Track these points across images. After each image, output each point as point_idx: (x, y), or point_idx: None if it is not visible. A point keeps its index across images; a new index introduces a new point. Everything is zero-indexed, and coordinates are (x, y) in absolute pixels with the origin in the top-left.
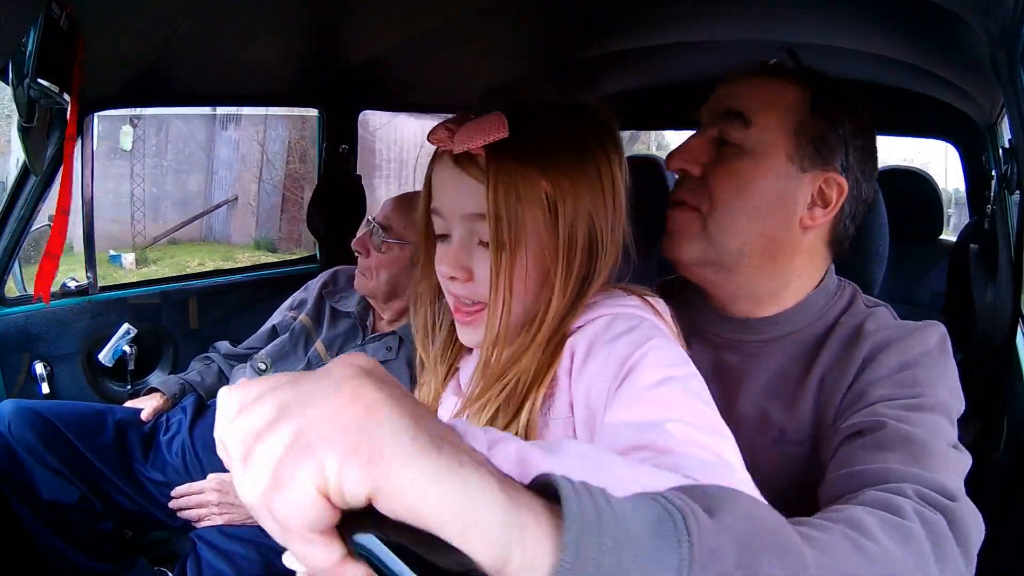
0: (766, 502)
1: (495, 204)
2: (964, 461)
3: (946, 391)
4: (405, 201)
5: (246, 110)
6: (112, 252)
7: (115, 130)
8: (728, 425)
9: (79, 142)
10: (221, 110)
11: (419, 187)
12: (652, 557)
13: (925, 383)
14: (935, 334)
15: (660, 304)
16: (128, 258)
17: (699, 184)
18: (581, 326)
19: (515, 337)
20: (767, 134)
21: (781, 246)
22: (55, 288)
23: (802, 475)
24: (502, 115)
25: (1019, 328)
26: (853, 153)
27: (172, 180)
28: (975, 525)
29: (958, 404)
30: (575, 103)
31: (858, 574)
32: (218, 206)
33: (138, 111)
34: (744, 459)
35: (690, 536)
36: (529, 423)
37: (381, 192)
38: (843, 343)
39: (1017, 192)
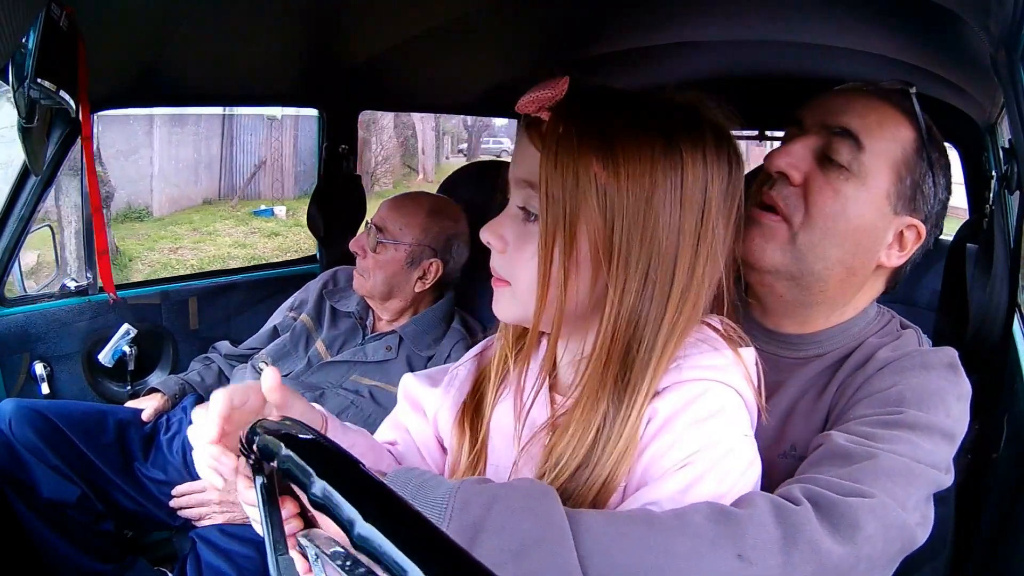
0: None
1: (545, 172)
2: (927, 476)
3: (942, 412)
4: (401, 202)
5: None
6: (263, 206)
7: None
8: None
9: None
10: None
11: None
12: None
13: (913, 402)
14: (943, 357)
15: (750, 356)
16: (280, 209)
17: (795, 194)
18: (668, 387)
19: (573, 334)
20: (876, 164)
21: (854, 279)
22: (55, 288)
23: None
24: (566, 79)
25: (1016, 327)
26: (937, 204)
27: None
28: (888, 524)
29: (956, 426)
30: (685, 98)
31: (630, 555)
32: None
33: None
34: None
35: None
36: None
37: None
38: (858, 364)
39: (1017, 192)
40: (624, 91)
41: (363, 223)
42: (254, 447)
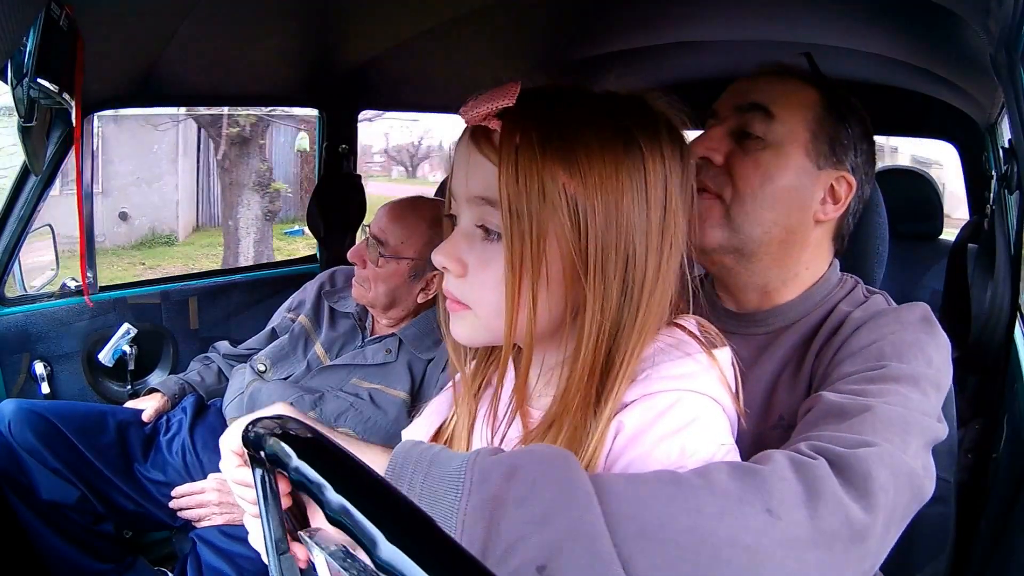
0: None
1: (506, 188)
2: (922, 424)
3: (922, 362)
4: (400, 212)
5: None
6: (295, 227)
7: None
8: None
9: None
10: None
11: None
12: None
13: (893, 355)
14: (915, 310)
15: (725, 357)
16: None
17: (721, 172)
18: (634, 400)
19: (543, 347)
20: (788, 129)
21: (796, 238)
22: (54, 288)
23: None
24: (517, 84)
25: (1018, 328)
26: (860, 155)
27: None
28: (897, 472)
29: (939, 376)
30: (632, 95)
31: (663, 511)
32: None
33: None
34: (749, 443)
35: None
36: None
37: None
38: (831, 329)
39: (1017, 192)
40: (572, 90)
41: (361, 225)
42: (262, 452)
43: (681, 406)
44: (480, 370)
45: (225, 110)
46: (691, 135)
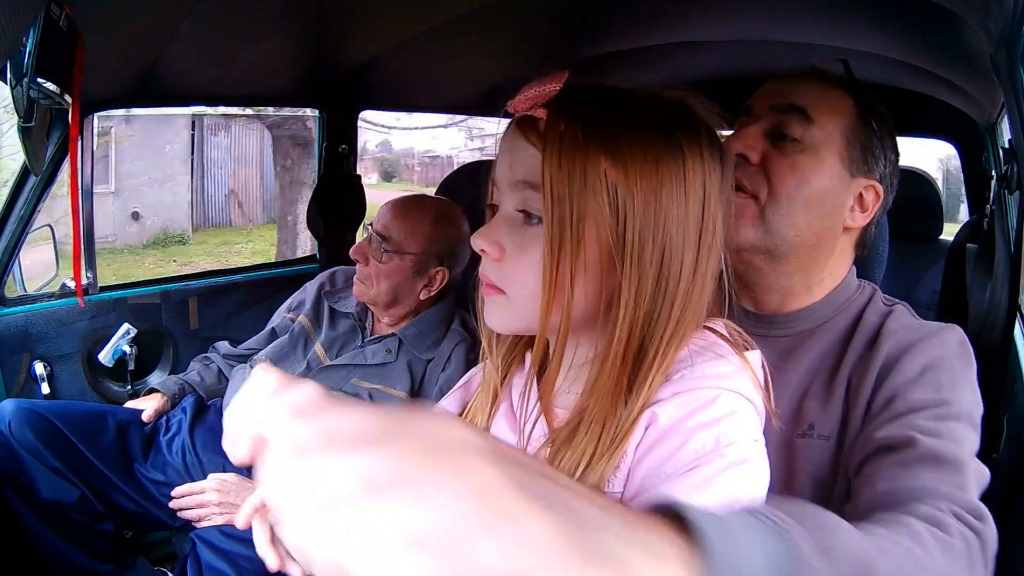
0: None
1: (549, 172)
2: (985, 475)
3: (970, 394)
4: (404, 208)
5: None
6: None
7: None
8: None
9: (78, 142)
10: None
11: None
12: None
13: (949, 387)
14: (955, 336)
15: (756, 360)
16: None
17: (757, 172)
18: (672, 395)
19: (576, 339)
20: (826, 133)
21: (824, 243)
22: (54, 288)
23: (819, 468)
24: (564, 73)
25: (1017, 328)
26: (888, 165)
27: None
28: (995, 543)
29: (979, 408)
30: (675, 96)
31: None
32: None
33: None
34: (775, 446)
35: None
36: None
37: None
38: (867, 341)
39: (1017, 192)
40: (618, 88)
41: (361, 224)
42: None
43: (719, 402)
44: (506, 363)
45: (284, 111)
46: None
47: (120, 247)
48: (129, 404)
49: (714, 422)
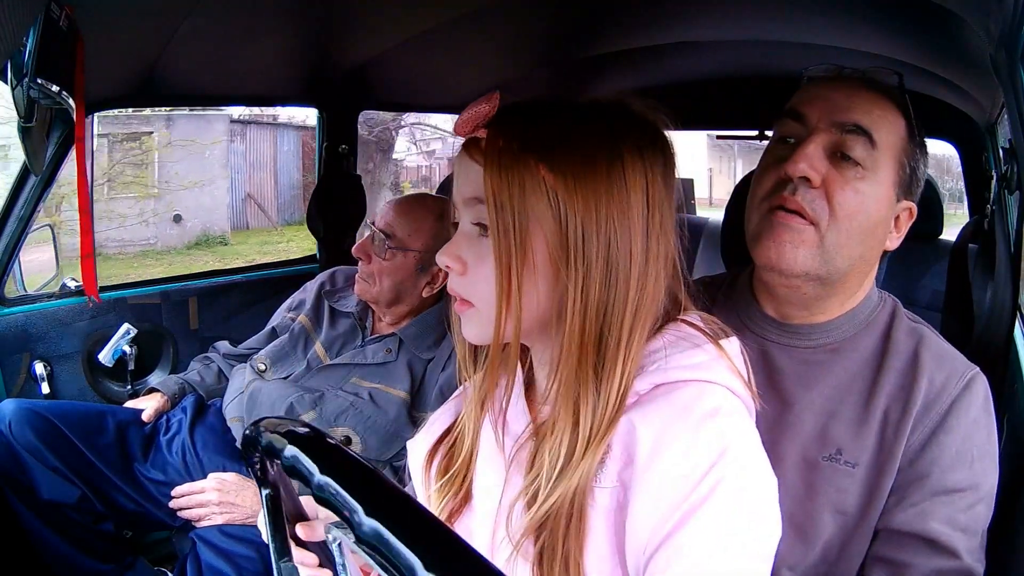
0: None
1: (491, 183)
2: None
3: (992, 462)
4: (407, 206)
5: None
6: None
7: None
8: (781, 431)
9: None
10: None
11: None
12: None
13: (979, 461)
14: (981, 390)
15: (733, 347)
16: None
17: (819, 196)
18: (655, 387)
19: (543, 341)
20: (887, 159)
21: (868, 268)
22: (54, 288)
23: (841, 495)
24: (497, 93)
25: (1017, 327)
26: (923, 183)
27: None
28: None
29: (996, 469)
30: (611, 100)
31: None
32: None
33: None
34: (794, 462)
35: None
36: (578, 489)
37: None
38: (903, 371)
39: (1017, 192)
40: (554, 99)
41: (363, 223)
42: (259, 447)
43: (706, 397)
44: (488, 375)
45: (359, 118)
46: (671, 134)
47: (161, 249)
48: (129, 404)
49: (707, 418)
